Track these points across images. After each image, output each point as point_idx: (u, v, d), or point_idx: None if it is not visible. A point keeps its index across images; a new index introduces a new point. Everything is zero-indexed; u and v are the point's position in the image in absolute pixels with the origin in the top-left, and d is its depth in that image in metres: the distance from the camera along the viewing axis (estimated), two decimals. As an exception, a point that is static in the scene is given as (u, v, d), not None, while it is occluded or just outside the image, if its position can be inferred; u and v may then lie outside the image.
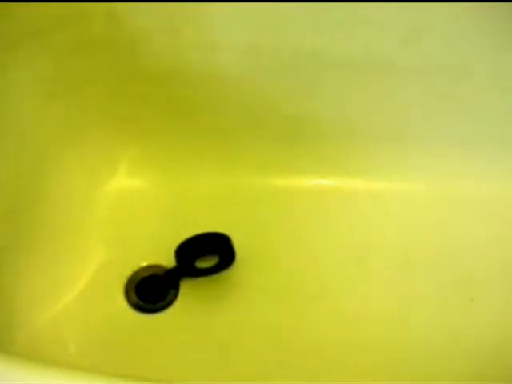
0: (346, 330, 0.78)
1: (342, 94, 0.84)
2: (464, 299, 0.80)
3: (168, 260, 0.83)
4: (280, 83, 0.83)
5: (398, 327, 0.79)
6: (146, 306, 0.81)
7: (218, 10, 0.77)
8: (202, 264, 0.83)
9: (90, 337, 0.78)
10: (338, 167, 0.89)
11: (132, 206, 0.88)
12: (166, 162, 0.90)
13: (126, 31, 0.80)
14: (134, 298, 0.81)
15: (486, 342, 0.77)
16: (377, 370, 0.76)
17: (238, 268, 0.81)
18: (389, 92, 0.83)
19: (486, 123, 0.85)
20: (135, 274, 0.83)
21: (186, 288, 0.82)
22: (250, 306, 0.80)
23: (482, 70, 0.80)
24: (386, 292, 0.81)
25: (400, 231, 0.85)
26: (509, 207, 0.86)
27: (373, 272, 0.83)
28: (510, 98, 0.82)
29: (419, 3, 0.75)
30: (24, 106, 0.79)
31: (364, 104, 0.85)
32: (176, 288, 0.82)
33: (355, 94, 0.84)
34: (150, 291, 0.81)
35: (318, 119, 0.86)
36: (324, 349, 0.77)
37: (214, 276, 0.81)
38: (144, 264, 0.83)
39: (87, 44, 0.80)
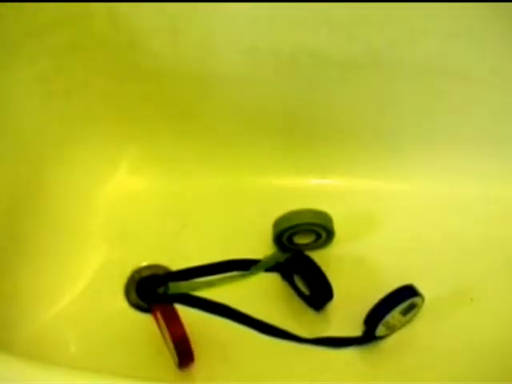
0: (345, 330, 0.78)
1: (341, 94, 0.84)
2: (464, 299, 0.80)
3: (169, 260, 0.83)
4: (280, 83, 0.83)
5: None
6: (146, 306, 0.81)
7: (218, 10, 0.77)
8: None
9: (90, 337, 0.78)
10: (338, 167, 0.89)
11: (132, 206, 0.88)
12: (165, 161, 0.90)
13: (126, 31, 0.80)
14: (134, 297, 0.81)
15: (486, 342, 0.77)
16: (376, 369, 0.76)
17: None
18: (388, 92, 0.83)
19: (486, 123, 0.85)
20: (135, 273, 0.83)
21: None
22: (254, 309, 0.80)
23: (482, 70, 0.80)
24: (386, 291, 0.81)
25: (400, 231, 0.85)
26: (509, 207, 0.86)
27: (372, 271, 0.83)
28: (510, 98, 0.82)
29: (419, 3, 0.75)
30: (24, 106, 0.79)
31: (364, 104, 0.85)
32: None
33: (355, 94, 0.84)
34: (150, 291, 0.81)
35: (317, 119, 0.86)
36: (322, 348, 0.77)
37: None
38: (144, 264, 0.83)
39: (87, 44, 0.80)
